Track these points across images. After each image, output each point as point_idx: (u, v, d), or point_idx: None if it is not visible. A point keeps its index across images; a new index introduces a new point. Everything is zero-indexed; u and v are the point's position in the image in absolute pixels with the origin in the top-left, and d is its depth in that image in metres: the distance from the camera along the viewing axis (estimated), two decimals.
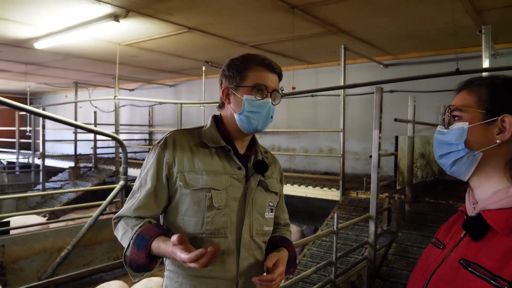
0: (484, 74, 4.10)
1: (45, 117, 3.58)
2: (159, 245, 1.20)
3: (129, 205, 1.34)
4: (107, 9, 4.38)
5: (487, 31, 4.12)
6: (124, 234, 1.29)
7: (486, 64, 4.11)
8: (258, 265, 1.37)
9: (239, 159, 1.39)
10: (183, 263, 1.12)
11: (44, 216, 6.94)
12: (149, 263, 1.24)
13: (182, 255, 1.09)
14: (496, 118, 0.87)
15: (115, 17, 4.59)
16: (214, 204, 1.29)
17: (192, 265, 1.09)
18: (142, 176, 1.36)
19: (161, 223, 1.39)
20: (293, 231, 7.35)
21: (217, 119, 1.45)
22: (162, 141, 1.36)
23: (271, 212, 1.44)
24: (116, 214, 1.37)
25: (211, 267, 1.20)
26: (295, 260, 1.49)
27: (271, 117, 1.40)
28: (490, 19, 4.53)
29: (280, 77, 1.43)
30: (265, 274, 1.32)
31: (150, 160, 1.36)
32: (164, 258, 1.35)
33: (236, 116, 1.37)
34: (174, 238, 1.11)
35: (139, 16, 4.61)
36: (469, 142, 0.89)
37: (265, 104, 1.36)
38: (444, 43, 5.66)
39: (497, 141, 0.86)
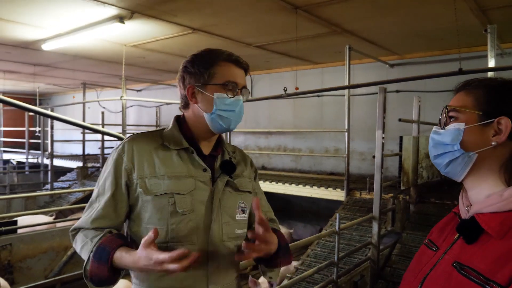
0: (490, 74, 4.07)
1: (51, 117, 3.63)
2: (122, 256, 1.12)
3: (87, 216, 1.25)
4: (112, 10, 4.43)
5: (493, 30, 4.08)
6: (83, 246, 1.20)
7: (491, 63, 4.07)
8: (230, 272, 1.30)
9: (204, 160, 1.30)
10: (156, 267, 1.04)
11: (51, 216, 7.02)
12: (112, 276, 1.15)
13: (160, 256, 1.01)
14: (493, 120, 0.86)
15: (120, 18, 4.63)
16: (177, 209, 1.20)
17: (172, 266, 1.01)
18: (100, 185, 1.26)
19: (125, 234, 1.31)
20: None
21: (179, 120, 1.36)
22: (120, 146, 1.27)
23: (243, 213, 1.33)
24: (74, 226, 1.27)
25: (179, 277, 1.15)
26: (288, 249, 1.37)
27: (242, 114, 1.33)
28: (496, 18, 4.49)
29: (246, 72, 1.36)
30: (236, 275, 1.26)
31: (107, 167, 1.26)
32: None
33: (206, 115, 1.27)
34: (148, 237, 1.04)
35: (143, 17, 4.65)
36: (465, 143, 0.89)
37: (237, 101, 1.29)
38: (451, 42, 5.62)
39: (493, 143, 0.86)
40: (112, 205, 1.23)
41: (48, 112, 3.56)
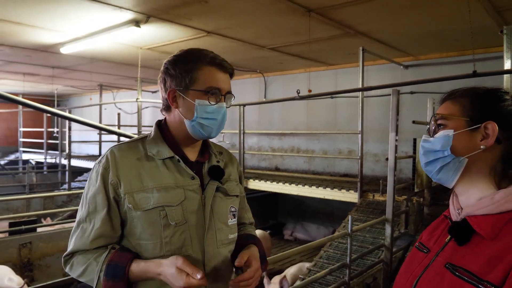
0: (506, 76, 4.03)
1: (69, 119, 3.74)
2: (141, 267, 1.13)
3: (81, 237, 1.18)
4: (129, 15, 4.52)
5: (509, 31, 4.03)
6: (87, 268, 1.16)
7: (507, 65, 4.01)
8: (226, 278, 1.28)
9: (191, 167, 1.25)
10: (176, 286, 1.07)
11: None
12: None
13: (194, 282, 1.05)
14: (480, 125, 0.90)
15: (136, 22, 4.72)
16: (170, 222, 1.16)
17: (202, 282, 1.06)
18: (89, 202, 1.19)
19: None
20: (260, 236, 7.33)
21: (161, 126, 1.31)
22: (104, 160, 1.21)
23: (234, 218, 1.32)
24: (68, 251, 1.21)
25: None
26: (265, 257, 1.38)
27: (224, 122, 1.27)
28: (511, 19, 4.44)
29: (231, 76, 1.28)
30: (233, 276, 1.26)
31: (93, 183, 1.20)
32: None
33: (187, 122, 1.22)
34: (187, 266, 1.07)
35: (159, 21, 4.73)
36: (455, 148, 0.92)
37: (220, 109, 1.22)
38: (466, 43, 5.56)
39: (482, 146, 0.89)
40: (109, 222, 1.18)
41: (66, 114, 3.66)
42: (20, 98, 3.11)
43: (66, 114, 3.24)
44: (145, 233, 1.17)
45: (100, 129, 3.60)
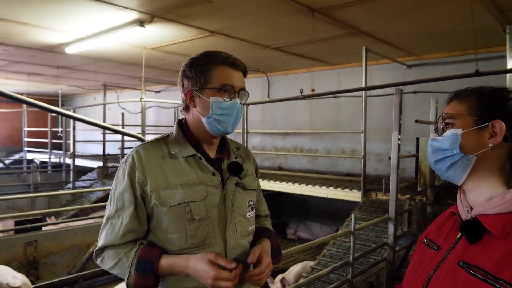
0: (509, 75, 4.05)
1: (74, 118, 3.78)
2: (169, 263, 1.20)
3: (112, 233, 1.26)
4: (133, 15, 4.56)
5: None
6: (118, 262, 1.23)
7: (510, 64, 4.04)
8: (246, 268, 1.32)
9: (212, 164, 1.32)
10: (208, 280, 1.14)
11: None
12: (156, 283, 1.22)
13: (223, 275, 1.13)
14: (487, 124, 0.92)
15: (141, 22, 4.76)
16: (194, 217, 1.23)
17: (226, 284, 1.13)
18: (117, 200, 1.27)
19: None
20: None
21: (182, 125, 1.38)
22: (130, 159, 1.28)
23: (252, 210, 1.40)
24: (99, 246, 1.28)
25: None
26: (279, 249, 1.46)
27: (240, 117, 1.34)
28: None
29: (245, 74, 1.36)
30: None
31: (121, 181, 1.27)
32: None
33: (204, 119, 1.29)
34: (219, 259, 1.15)
35: (163, 21, 4.76)
36: (463, 147, 0.94)
37: (234, 105, 1.29)
38: (469, 43, 5.57)
39: (490, 145, 0.92)
40: (136, 218, 1.25)
41: (72, 113, 3.70)
42: (27, 98, 3.16)
43: (73, 114, 3.29)
44: (172, 227, 1.24)
45: (106, 128, 3.65)
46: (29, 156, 12.92)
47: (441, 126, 1.00)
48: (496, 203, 0.89)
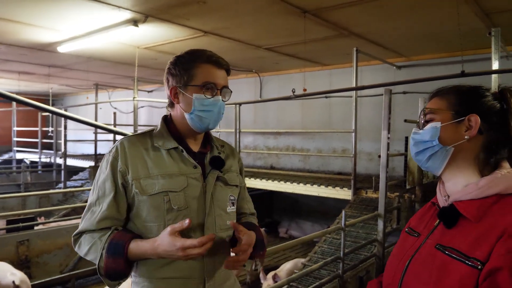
0: (493, 76, 4.17)
1: (68, 117, 3.79)
2: (138, 245, 1.22)
3: (90, 219, 1.30)
4: (127, 15, 4.59)
5: (497, 33, 4.17)
6: (91, 246, 1.26)
7: (495, 66, 4.15)
8: (224, 261, 1.34)
9: (194, 158, 1.36)
10: (178, 253, 1.15)
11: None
12: (127, 267, 1.25)
13: (187, 242, 1.14)
14: (464, 118, 1.01)
15: (135, 22, 4.79)
16: (173, 206, 1.27)
17: (197, 251, 1.15)
18: (99, 188, 1.32)
19: None
20: None
21: (167, 120, 1.43)
22: (114, 150, 1.33)
23: (233, 206, 1.43)
24: (77, 231, 1.32)
25: (178, 267, 1.26)
26: (263, 244, 1.47)
27: (222, 114, 1.38)
28: (500, 22, 4.58)
29: (228, 72, 1.40)
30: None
31: (104, 170, 1.32)
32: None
33: (186, 115, 1.34)
34: (178, 225, 1.17)
35: (157, 21, 4.80)
36: (442, 139, 1.03)
37: (215, 102, 1.33)
38: (457, 45, 5.70)
39: (466, 137, 1.00)
40: (115, 206, 1.29)
41: (66, 113, 3.72)
42: (21, 97, 3.17)
43: (68, 113, 3.31)
44: (150, 215, 1.28)
45: (100, 127, 3.67)
46: (19, 156, 12.82)
47: (422, 121, 1.08)
48: (471, 189, 0.97)
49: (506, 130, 1.00)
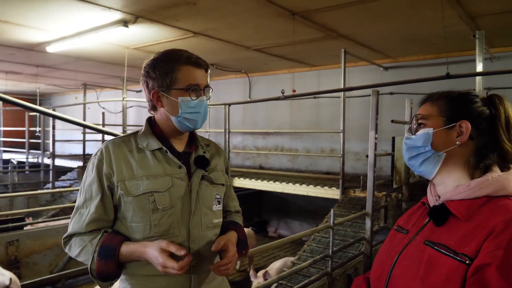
0: (478, 78, 4.28)
1: (57, 117, 3.78)
2: (129, 249, 1.26)
3: (78, 221, 1.32)
4: (117, 15, 4.61)
5: (481, 36, 4.28)
6: (82, 249, 1.29)
7: (479, 68, 4.27)
8: (210, 260, 1.39)
9: (179, 158, 1.38)
10: (158, 267, 1.20)
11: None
12: (118, 269, 1.29)
13: (168, 263, 1.18)
14: (455, 124, 1.06)
15: (125, 23, 4.80)
16: (158, 206, 1.29)
17: (174, 272, 1.19)
18: (86, 191, 1.34)
19: None
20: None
21: (151, 122, 1.44)
22: (99, 153, 1.35)
23: (219, 204, 1.45)
24: (66, 233, 1.34)
25: None
26: (246, 243, 1.50)
27: (207, 113, 1.41)
28: (484, 25, 4.71)
29: (206, 71, 1.41)
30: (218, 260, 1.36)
31: (90, 173, 1.34)
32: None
33: (173, 118, 1.35)
34: (168, 245, 1.20)
35: (147, 22, 4.82)
36: (434, 144, 1.07)
37: (201, 102, 1.35)
38: (442, 47, 5.83)
39: (457, 142, 1.05)
40: (102, 208, 1.31)
41: (56, 113, 3.72)
42: (8, 97, 3.17)
43: (58, 113, 3.32)
44: (136, 216, 1.30)
45: (90, 127, 3.68)
46: (6, 156, 12.65)
47: (415, 126, 1.12)
48: (462, 189, 1.02)
49: (495, 135, 1.04)
